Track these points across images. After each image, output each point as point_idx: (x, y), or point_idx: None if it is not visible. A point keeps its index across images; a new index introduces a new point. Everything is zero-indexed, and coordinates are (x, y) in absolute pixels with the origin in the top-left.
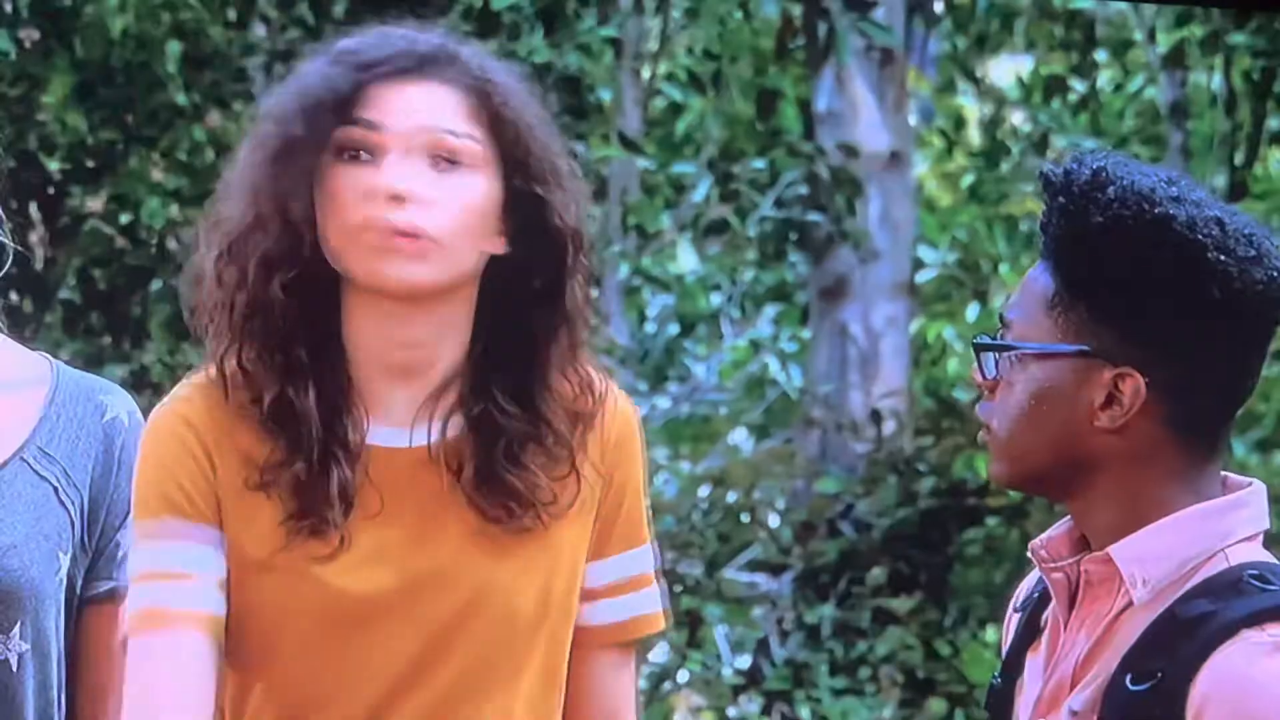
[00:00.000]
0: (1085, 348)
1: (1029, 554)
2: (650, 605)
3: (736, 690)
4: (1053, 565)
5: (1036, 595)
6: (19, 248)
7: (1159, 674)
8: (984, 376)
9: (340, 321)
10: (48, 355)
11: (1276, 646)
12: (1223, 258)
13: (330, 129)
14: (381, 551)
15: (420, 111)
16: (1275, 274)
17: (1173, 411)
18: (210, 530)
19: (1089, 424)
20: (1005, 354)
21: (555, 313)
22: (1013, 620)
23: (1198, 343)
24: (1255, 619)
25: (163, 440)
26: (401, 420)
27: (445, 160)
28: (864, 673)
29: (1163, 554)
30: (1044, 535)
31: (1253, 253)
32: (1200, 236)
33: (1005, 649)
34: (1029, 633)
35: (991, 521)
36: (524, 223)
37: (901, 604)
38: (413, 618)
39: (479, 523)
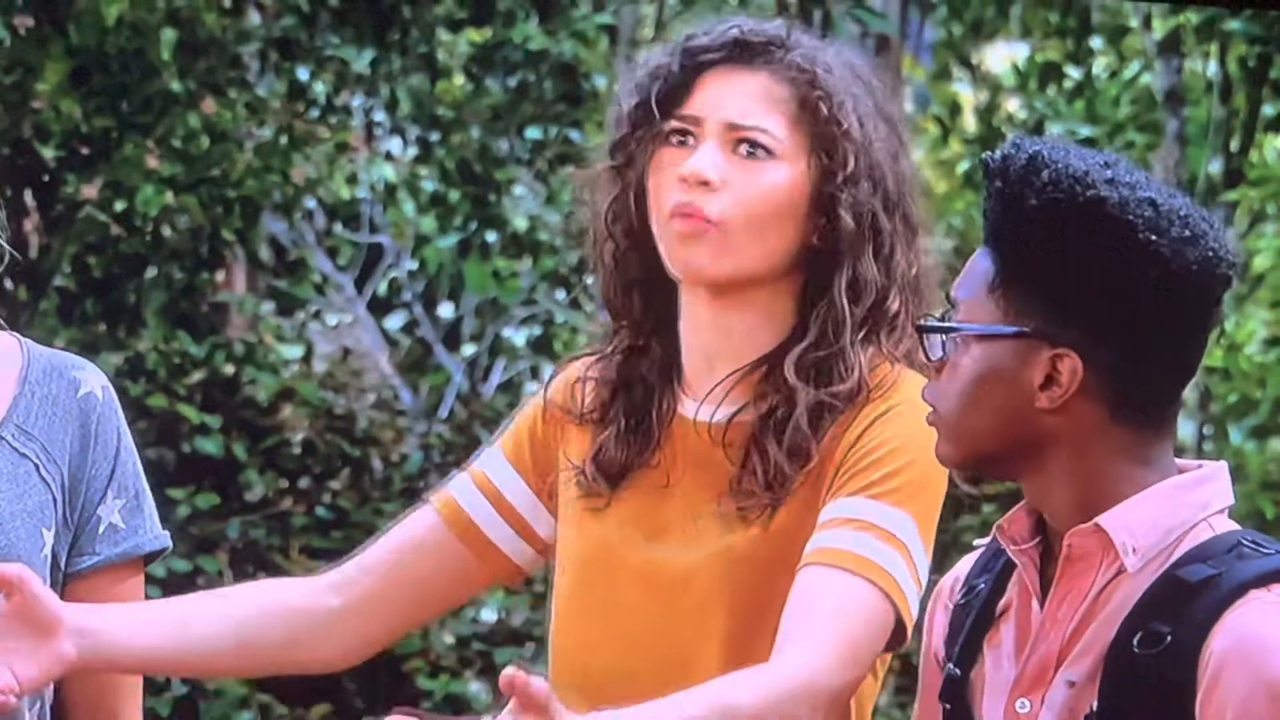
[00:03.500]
0: (1025, 329)
1: (995, 535)
2: (838, 542)
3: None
4: (1019, 548)
5: (985, 585)
6: (10, 249)
7: (1167, 636)
8: (929, 358)
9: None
10: (16, 334)
11: None
12: (1154, 238)
13: (659, 118)
14: (649, 512)
15: (736, 102)
16: (1211, 255)
17: (1113, 391)
18: (519, 471)
19: (1031, 405)
20: (951, 335)
21: (854, 307)
22: (945, 612)
23: (1133, 323)
24: (1262, 580)
25: (540, 390)
26: (703, 395)
27: (754, 148)
28: None
29: (1149, 523)
30: (1006, 518)
31: (1187, 234)
32: (1131, 218)
33: (945, 641)
34: (983, 622)
35: (987, 509)
36: (828, 216)
37: None
38: (645, 574)
39: (727, 498)
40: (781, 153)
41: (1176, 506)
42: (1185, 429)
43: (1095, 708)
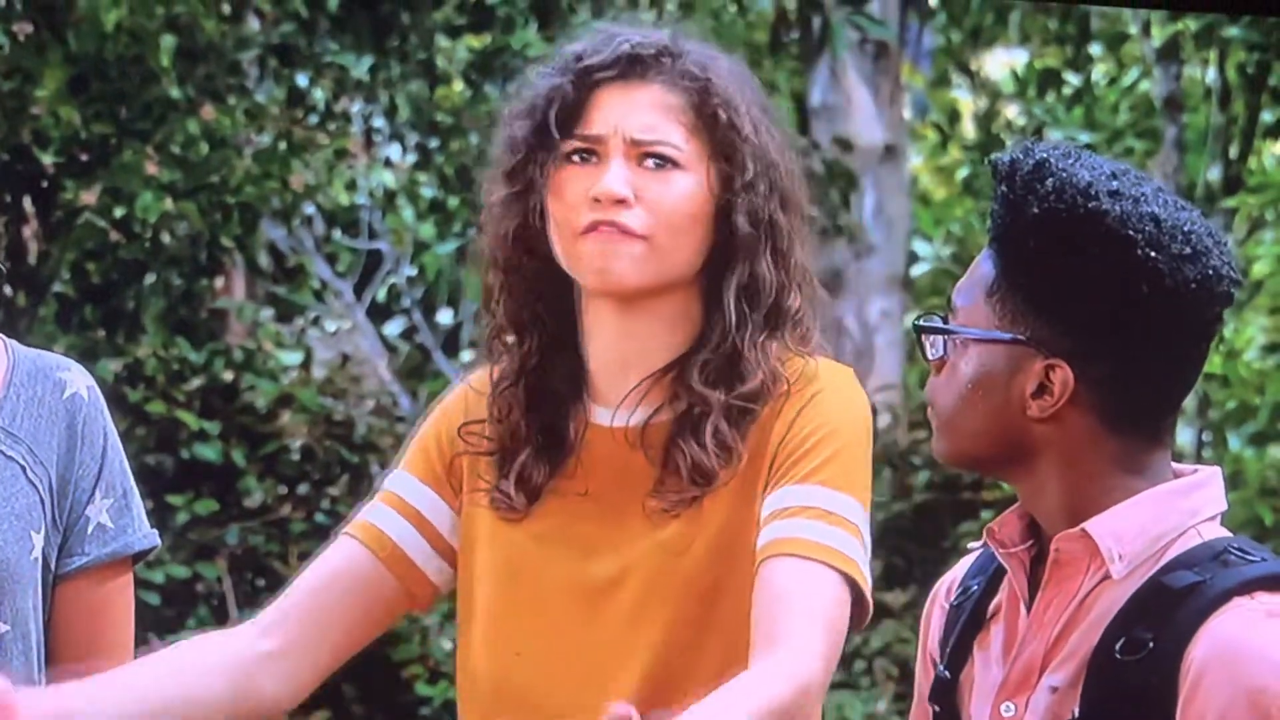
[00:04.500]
0: (1019, 336)
1: (984, 537)
2: (794, 531)
3: None
4: (1009, 551)
5: (977, 587)
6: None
7: (1150, 642)
8: (926, 357)
9: (579, 312)
10: (0, 335)
11: (1270, 613)
12: (1153, 254)
13: (558, 139)
14: (567, 516)
15: (636, 117)
16: (1211, 272)
17: (1105, 404)
18: (432, 489)
19: (1022, 412)
20: (949, 337)
21: (752, 307)
22: (941, 613)
23: (1129, 338)
24: (1246, 587)
25: (438, 407)
26: (616, 402)
27: (660, 161)
28: (859, 666)
29: (1136, 530)
30: (997, 521)
31: (1188, 250)
32: (1131, 232)
33: (939, 642)
34: (974, 624)
35: (986, 515)
36: (726, 222)
37: (896, 597)
38: (572, 581)
39: (650, 498)
40: (684, 162)
41: (1166, 513)
42: (1184, 435)
43: (1077, 713)
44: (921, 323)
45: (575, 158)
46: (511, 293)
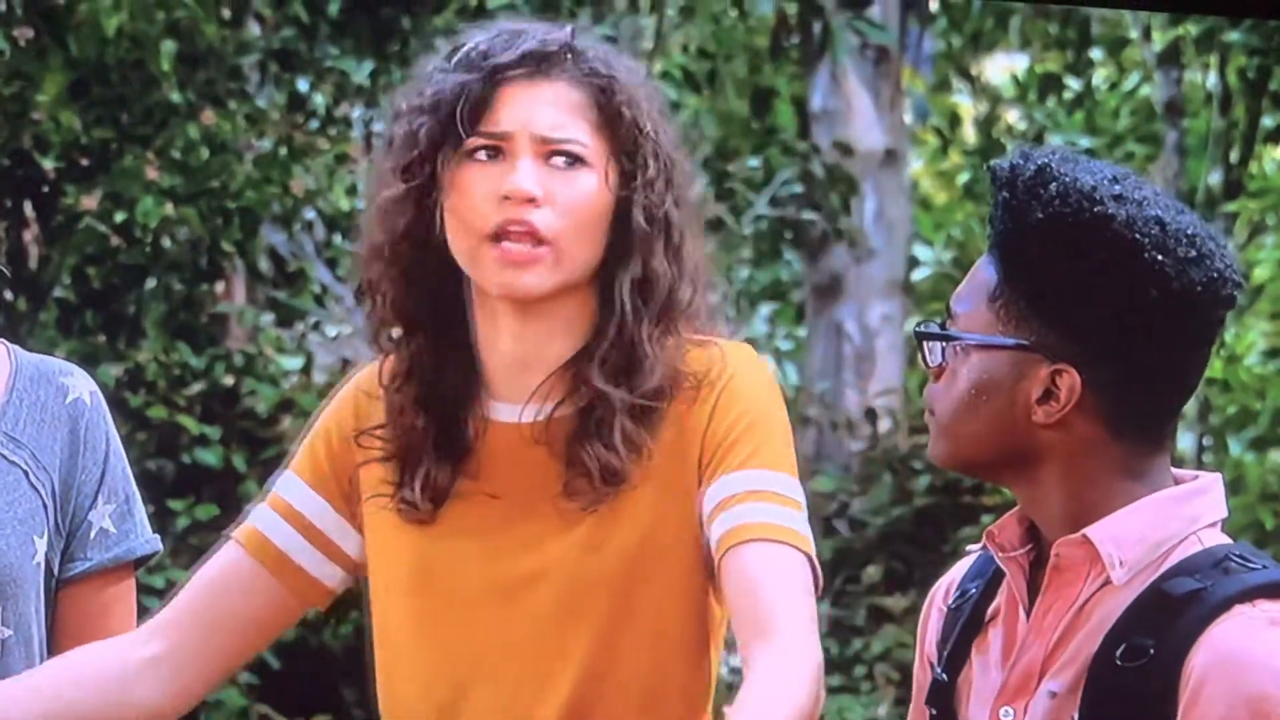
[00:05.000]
0: (1024, 342)
1: (984, 540)
2: (749, 516)
3: (732, 688)
4: (1008, 555)
5: (975, 590)
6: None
7: (1150, 649)
8: (928, 363)
9: (471, 308)
10: (3, 341)
11: (1271, 621)
12: (1160, 258)
13: (461, 135)
14: (476, 517)
15: (544, 114)
16: (1216, 275)
17: (1111, 408)
18: (321, 494)
19: (1027, 417)
20: (950, 343)
21: (646, 302)
22: (939, 615)
23: (1135, 342)
24: (1247, 595)
25: (327, 409)
26: (518, 398)
27: (570, 159)
28: (859, 670)
29: (1136, 536)
30: (997, 524)
31: (1193, 253)
32: (1138, 236)
33: (937, 645)
34: (972, 627)
35: (987, 519)
36: (623, 218)
37: (896, 602)
38: (489, 582)
39: (561, 498)
40: (590, 159)
41: (1166, 519)
42: (1185, 440)
43: (1076, 719)
44: (922, 329)
45: (480, 155)
46: (400, 288)
